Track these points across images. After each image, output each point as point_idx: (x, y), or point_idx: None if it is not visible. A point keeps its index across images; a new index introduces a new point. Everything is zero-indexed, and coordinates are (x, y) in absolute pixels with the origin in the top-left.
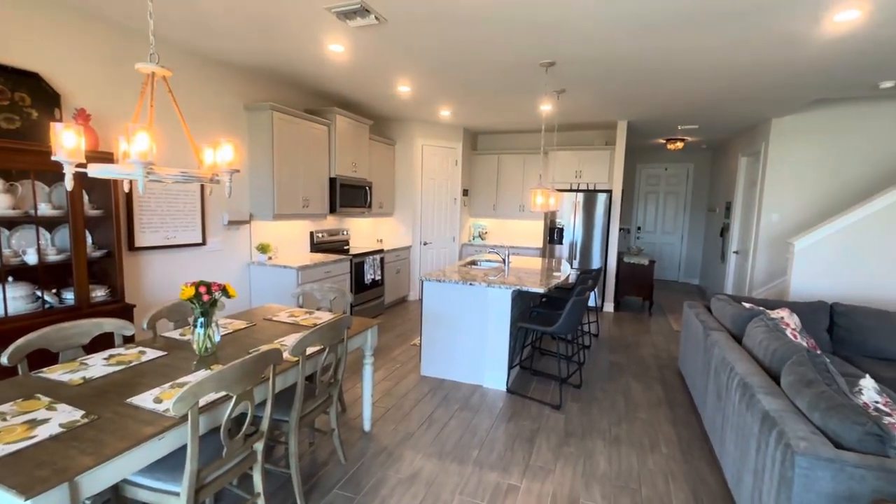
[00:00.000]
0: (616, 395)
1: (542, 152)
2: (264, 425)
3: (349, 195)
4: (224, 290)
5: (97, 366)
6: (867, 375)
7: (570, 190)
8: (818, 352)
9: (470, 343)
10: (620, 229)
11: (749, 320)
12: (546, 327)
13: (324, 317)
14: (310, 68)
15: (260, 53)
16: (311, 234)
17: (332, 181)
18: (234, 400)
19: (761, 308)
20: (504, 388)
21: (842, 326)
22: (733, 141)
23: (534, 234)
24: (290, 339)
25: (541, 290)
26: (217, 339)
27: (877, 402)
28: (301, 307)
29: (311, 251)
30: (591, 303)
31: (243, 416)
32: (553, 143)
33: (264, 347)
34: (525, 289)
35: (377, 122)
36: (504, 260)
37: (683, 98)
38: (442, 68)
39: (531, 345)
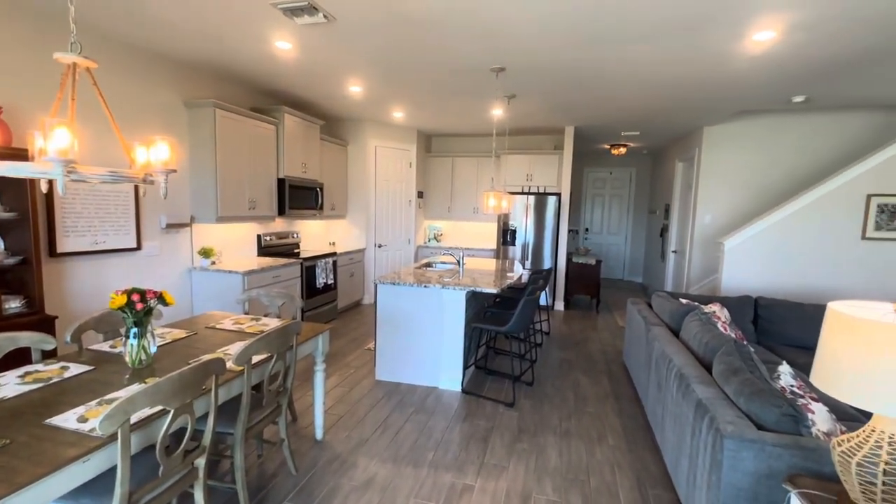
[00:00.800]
0: (566, 390)
1: (495, 156)
2: (207, 439)
3: (299, 197)
4: (160, 298)
5: (9, 385)
6: (784, 362)
7: (522, 193)
8: (744, 342)
9: (425, 345)
10: (569, 231)
11: (685, 315)
12: (499, 327)
13: (272, 323)
14: (256, 65)
15: (202, 48)
16: (259, 237)
17: (281, 182)
18: (171, 415)
19: (696, 303)
20: (459, 389)
21: (764, 318)
22: (671, 147)
23: (488, 235)
24: (235, 348)
25: (494, 291)
26: (153, 350)
27: (792, 386)
28: (247, 314)
29: (259, 255)
30: (543, 302)
31: (183, 430)
32: (505, 146)
33: (206, 357)
34: (479, 290)
35: (329, 123)
36: (459, 261)
37: (625, 106)
38: (394, 70)
39: (486, 344)
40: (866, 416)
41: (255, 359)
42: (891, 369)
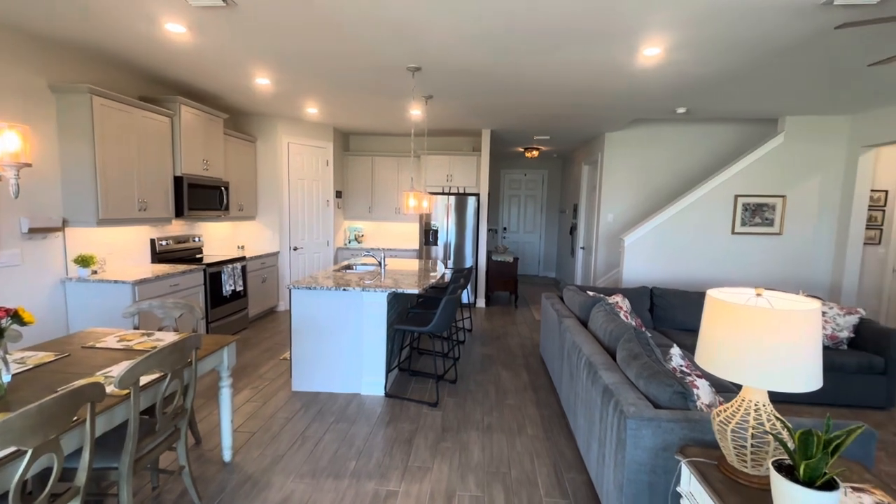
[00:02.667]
0: (488, 385)
1: (413, 156)
2: (81, 478)
3: (201, 197)
4: (15, 316)
5: None
6: (675, 345)
7: (443, 193)
8: (643, 329)
9: (345, 351)
10: (489, 230)
11: (592, 306)
12: (422, 327)
13: (167, 338)
14: (145, 49)
15: (72, 23)
16: (153, 241)
17: (179, 180)
18: (28, 455)
19: (602, 295)
20: (383, 393)
21: (659, 306)
22: (578, 151)
23: (410, 235)
24: (119, 369)
25: (416, 291)
26: (5, 379)
27: (682, 366)
28: (137, 329)
29: (154, 262)
30: (465, 300)
31: (50, 470)
32: (424, 147)
33: (80, 382)
34: (401, 291)
35: (235, 117)
36: (380, 263)
37: (536, 111)
38: (305, 64)
39: (409, 345)
40: (739, 388)
41: (146, 379)
42: (753, 346)
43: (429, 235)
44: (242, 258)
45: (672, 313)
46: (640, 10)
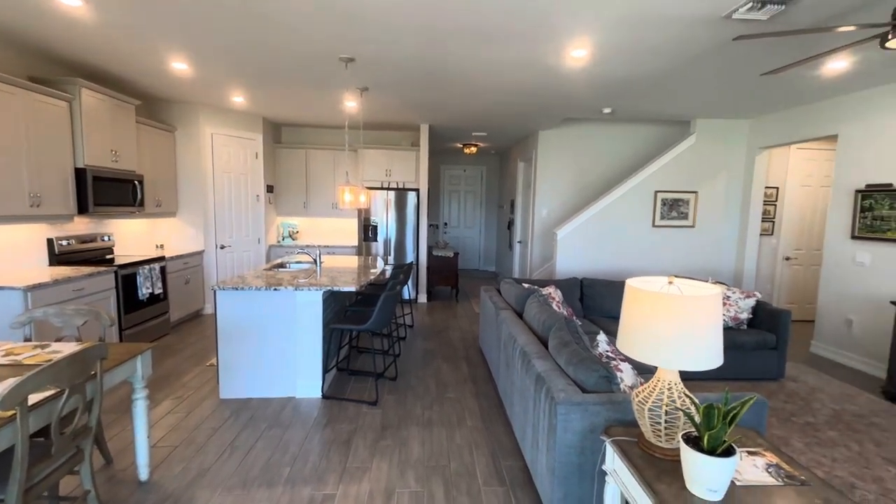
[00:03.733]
0: (429, 379)
1: (348, 149)
2: None
3: (109, 191)
4: None
5: None
6: (601, 332)
7: (382, 188)
8: (573, 318)
9: (278, 353)
10: (430, 225)
11: (527, 298)
12: (360, 325)
13: (66, 349)
14: (32, 23)
15: None
16: (51, 241)
17: (81, 173)
18: None
19: (536, 287)
20: (320, 395)
21: (588, 296)
22: (514, 148)
23: (349, 232)
24: (2, 387)
25: (354, 289)
26: None
27: (607, 351)
28: (29, 340)
29: (52, 264)
30: (407, 296)
31: None
32: (360, 140)
33: None
34: (338, 289)
35: (150, 104)
36: (315, 260)
37: (472, 108)
38: (227, 48)
39: (348, 344)
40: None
41: (36, 397)
42: (665, 330)
43: (368, 231)
44: (161, 258)
45: (600, 302)
46: (562, 13)
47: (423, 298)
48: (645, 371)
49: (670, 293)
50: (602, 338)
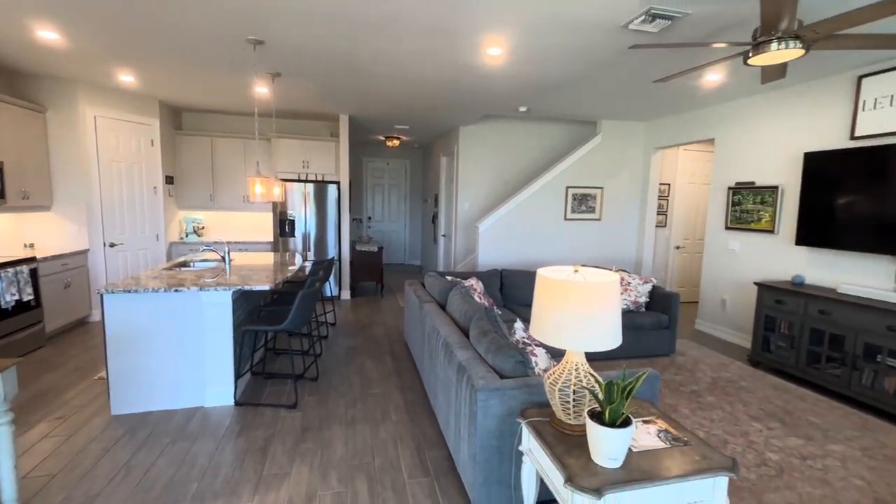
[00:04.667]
0: (352, 377)
1: (259, 138)
2: None
3: None
4: None
5: None
6: (518, 319)
7: (299, 180)
8: (494, 308)
9: (182, 360)
10: (353, 219)
11: (450, 290)
12: (275, 326)
13: None
14: None
15: None
16: None
17: None
18: None
19: (459, 279)
20: (232, 402)
21: (507, 286)
22: (437, 142)
23: (263, 227)
24: None
25: (268, 287)
26: None
27: (524, 338)
28: None
29: None
30: (329, 293)
31: None
32: (274, 129)
33: None
34: (250, 287)
35: (10, 78)
36: (224, 258)
37: (393, 100)
38: (109, 19)
39: (264, 346)
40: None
41: None
42: (571, 315)
43: (284, 226)
44: (31, 259)
45: (519, 292)
46: (476, 11)
47: (346, 295)
48: (558, 354)
49: (575, 281)
50: (519, 325)
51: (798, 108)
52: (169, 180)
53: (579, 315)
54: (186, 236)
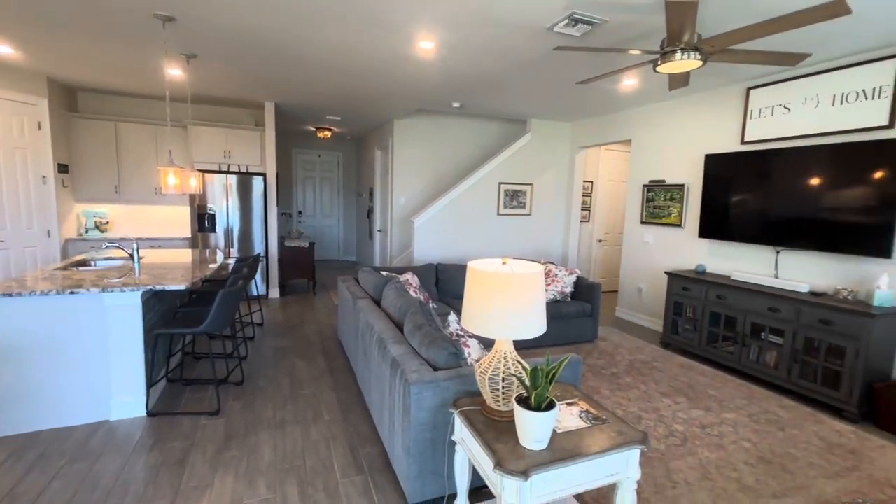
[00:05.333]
0: (281, 378)
1: (171, 124)
2: None
3: None
4: None
5: None
6: (452, 312)
7: (220, 171)
8: (429, 302)
9: (82, 370)
10: (282, 214)
11: (384, 285)
12: (193, 328)
13: None
14: None
15: None
16: None
17: None
18: None
19: (394, 274)
20: (144, 413)
21: (443, 280)
22: (371, 135)
23: (179, 221)
24: None
25: (183, 287)
26: None
27: (457, 329)
28: None
29: None
30: (256, 291)
31: None
32: (190, 115)
33: None
34: (162, 287)
35: None
36: (133, 255)
37: (323, 89)
38: None
39: (182, 351)
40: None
41: None
42: (499, 305)
43: (204, 221)
44: None
45: (454, 285)
46: (402, 2)
47: (275, 294)
48: (490, 345)
49: (503, 273)
50: (452, 318)
51: (700, 114)
52: (62, 169)
53: (507, 305)
54: (87, 232)
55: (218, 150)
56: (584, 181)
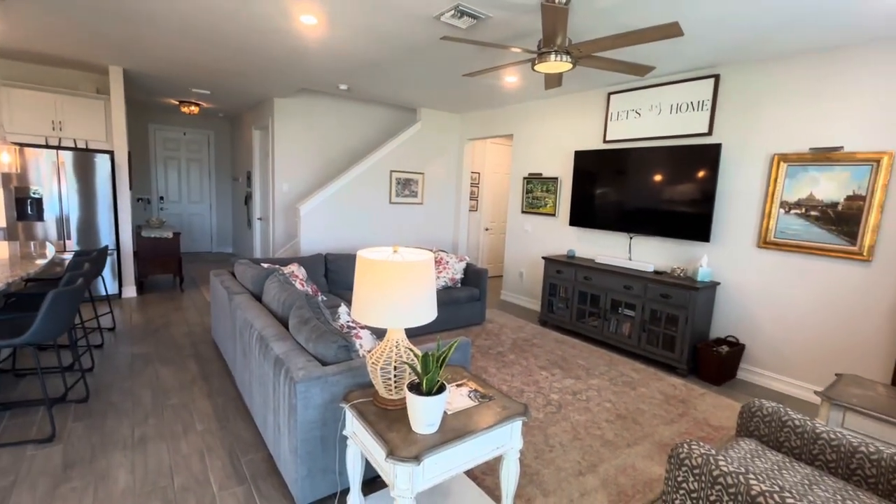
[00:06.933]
0: (140, 390)
1: None
2: None
3: None
4: None
5: None
6: (343, 303)
7: (48, 146)
8: (318, 294)
9: None
10: (138, 199)
11: (266, 279)
12: (11, 339)
13: None
14: None
15: None
16: None
17: None
18: None
19: (277, 266)
20: None
21: (332, 270)
22: (247, 114)
23: None
24: None
25: None
26: None
27: (348, 322)
28: None
29: None
30: (105, 291)
31: None
32: (0, 73)
33: None
34: None
35: None
36: None
37: (187, 57)
38: None
39: None
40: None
41: None
42: (389, 293)
43: (25, 206)
44: None
45: (345, 276)
46: None
47: (131, 292)
48: (383, 334)
49: (392, 261)
50: (343, 309)
51: (572, 113)
52: None
53: (398, 293)
54: None
55: (44, 119)
56: (472, 172)
